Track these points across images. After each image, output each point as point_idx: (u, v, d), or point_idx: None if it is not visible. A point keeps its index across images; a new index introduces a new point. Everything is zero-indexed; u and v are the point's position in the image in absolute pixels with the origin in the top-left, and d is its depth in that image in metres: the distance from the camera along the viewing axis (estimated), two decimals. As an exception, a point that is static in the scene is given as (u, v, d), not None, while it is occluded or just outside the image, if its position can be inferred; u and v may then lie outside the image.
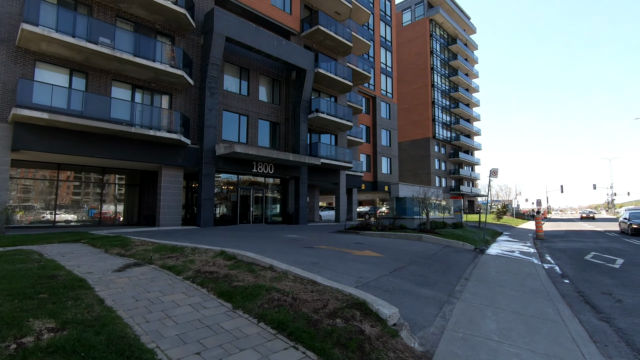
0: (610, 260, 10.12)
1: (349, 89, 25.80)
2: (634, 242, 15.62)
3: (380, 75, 36.31)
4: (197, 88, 17.84)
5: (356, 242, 10.74)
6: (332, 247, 9.31)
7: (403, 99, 58.84)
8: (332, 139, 25.92)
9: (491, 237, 16.47)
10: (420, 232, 13.07)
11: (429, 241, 11.82)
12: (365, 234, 13.56)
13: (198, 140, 17.56)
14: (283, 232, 13.71)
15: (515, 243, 14.64)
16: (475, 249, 11.14)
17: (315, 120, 23.16)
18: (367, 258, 7.68)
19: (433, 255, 8.96)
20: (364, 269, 6.46)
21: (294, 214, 21.70)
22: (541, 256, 11.13)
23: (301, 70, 21.82)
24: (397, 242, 11.44)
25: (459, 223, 19.58)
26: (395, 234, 12.86)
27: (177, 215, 16.76)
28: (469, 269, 7.71)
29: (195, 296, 4.02)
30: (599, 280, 7.40)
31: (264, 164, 19.86)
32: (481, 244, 13.19)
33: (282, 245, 9.33)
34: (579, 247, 13.78)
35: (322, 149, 23.28)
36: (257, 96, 21.23)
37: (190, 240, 9.90)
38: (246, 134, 20.51)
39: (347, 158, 25.00)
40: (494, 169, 15.23)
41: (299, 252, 7.93)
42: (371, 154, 35.06)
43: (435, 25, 59.79)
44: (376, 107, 35.27)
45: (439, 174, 57.46)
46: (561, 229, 25.82)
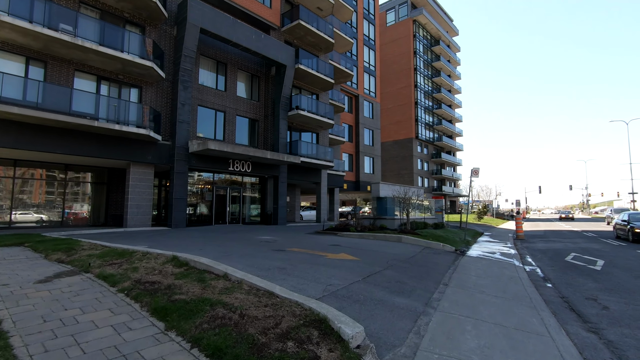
0: (590, 261, 9.90)
1: (330, 86, 25.27)
2: (610, 242, 15.65)
3: (363, 74, 35.96)
4: (169, 81, 16.92)
5: (332, 244, 10.19)
6: (306, 249, 8.71)
7: (386, 99, 58.86)
8: (313, 138, 25.33)
9: (472, 237, 16.23)
10: (400, 233, 12.63)
11: (408, 242, 11.37)
12: (344, 235, 13.02)
13: (170, 137, 16.66)
14: (257, 233, 13.03)
15: (496, 244, 14.41)
16: (455, 251, 10.76)
17: (295, 118, 22.52)
18: (341, 262, 7.12)
19: (412, 258, 8.48)
20: (335, 274, 5.89)
21: (272, 214, 21.00)
22: (522, 257, 10.85)
23: (281, 65, 21.14)
24: (375, 243, 10.94)
25: (440, 223, 19.33)
26: (375, 235, 12.38)
27: (147, 215, 15.81)
28: (448, 272, 7.25)
29: (123, 314, 3.35)
30: (582, 283, 7.07)
31: (241, 162, 19.08)
32: (462, 245, 12.86)
33: (251, 248, 8.67)
34: (558, 247, 13.64)
35: (302, 147, 22.67)
36: (235, 92, 20.43)
37: (152, 242, 9.12)
38: (223, 131, 19.69)
39: (329, 157, 24.47)
40: (475, 169, 14.97)
41: (266, 256, 7.30)
42: (353, 153, 34.66)
43: (419, 26, 60.06)
44: (359, 106, 34.90)
45: (421, 174, 57.72)
46: (540, 229, 26.02)
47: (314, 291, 4.70)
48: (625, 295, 6.12)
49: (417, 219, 17.50)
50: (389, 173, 56.67)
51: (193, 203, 18.64)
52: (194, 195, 18.76)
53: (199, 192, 19.12)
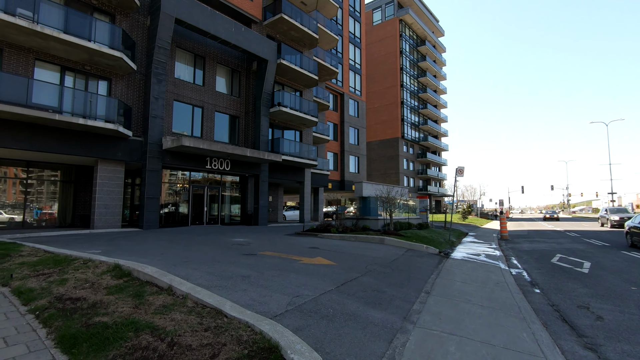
0: (577, 263, 9.56)
1: (314, 83, 24.64)
2: (594, 242, 15.51)
3: (348, 72, 35.45)
4: (141, 74, 15.98)
5: (310, 247, 9.56)
6: (279, 253, 8.06)
7: (373, 99, 58.62)
8: (296, 136, 24.66)
9: (456, 238, 15.85)
10: (383, 235, 12.10)
11: (391, 244, 10.84)
12: (324, 237, 12.42)
13: (142, 133, 15.73)
14: (233, 235, 12.30)
15: (481, 245, 14.05)
16: (439, 253, 10.28)
17: (277, 115, 21.81)
18: (315, 268, 6.50)
19: (393, 262, 7.92)
20: (306, 283, 5.27)
21: (253, 214, 20.24)
22: (507, 259, 10.46)
23: (262, 60, 20.41)
24: (356, 246, 10.37)
25: (424, 224, 18.93)
26: (356, 236, 11.81)
27: (116, 216, 14.86)
28: (431, 278, 6.72)
29: (19, 344, 2.64)
30: (571, 288, 6.64)
31: (219, 160, 18.26)
32: (446, 246, 12.42)
33: (219, 251, 7.97)
34: (543, 248, 13.36)
35: (285, 145, 21.98)
36: (214, 87, 19.59)
37: (110, 247, 8.32)
38: (201, 128, 18.84)
39: (312, 155, 23.84)
40: (459, 168, 14.59)
41: (233, 262, 6.62)
42: (339, 152, 34.13)
43: (405, 25, 60.01)
44: (344, 104, 34.38)
45: (407, 174, 57.69)
46: (524, 229, 26.01)
47: (276, 305, 4.06)
48: (618, 302, 5.69)
49: (401, 219, 17.05)
50: (375, 173, 56.46)
51: (168, 203, 17.74)
52: (169, 194, 17.86)
53: (175, 191, 18.22)
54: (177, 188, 18.31)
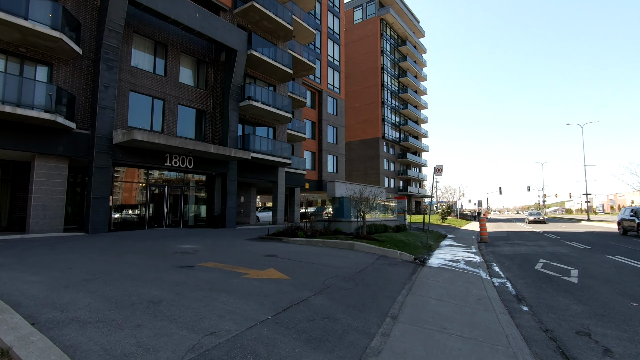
0: (563, 271, 8.68)
1: (289, 77, 23.36)
2: (575, 245, 14.91)
3: (327, 69, 34.35)
4: (89, 60, 14.31)
5: (268, 255, 8.30)
6: (225, 264, 6.76)
7: (354, 98, 57.85)
8: (269, 133, 23.31)
9: (435, 241, 14.92)
10: (355, 239, 10.96)
11: (361, 250, 9.70)
12: (290, 242, 11.17)
13: (90, 125, 14.07)
14: (185, 241, 10.89)
15: (460, 249, 13.14)
16: (414, 260, 9.21)
17: (248, 110, 20.42)
18: (260, 285, 5.26)
19: (359, 273, 6.76)
20: (236, 309, 4.02)
21: (220, 216, 18.77)
22: (489, 266, 9.50)
23: (231, 50, 18.98)
24: (322, 252, 9.18)
25: (402, 225, 17.98)
26: (324, 241, 10.62)
27: (57, 218, 13.16)
28: (401, 294, 5.58)
29: None
30: (564, 305, 5.65)
31: (181, 157, 16.73)
32: (423, 251, 11.40)
33: (149, 263, 6.61)
34: (524, 252, 12.56)
35: (256, 142, 20.61)
36: (177, 78, 18.03)
37: (15, 257, 6.82)
38: (162, 122, 17.25)
39: (286, 154, 22.55)
40: (438, 166, 13.65)
41: (155, 278, 5.30)
42: (316, 151, 32.95)
43: (386, 25, 59.55)
44: (322, 101, 33.26)
45: (387, 175, 57.16)
46: (503, 230, 25.55)
47: (169, 354, 2.79)
48: (622, 324, 4.70)
49: (377, 221, 16.01)
50: (355, 173, 55.64)
51: (123, 204, 16.06)
52: (124, 194, 16.19)
53: (131, 191, 16.55)
54: (133, 187, 16.65)
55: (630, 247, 13.91)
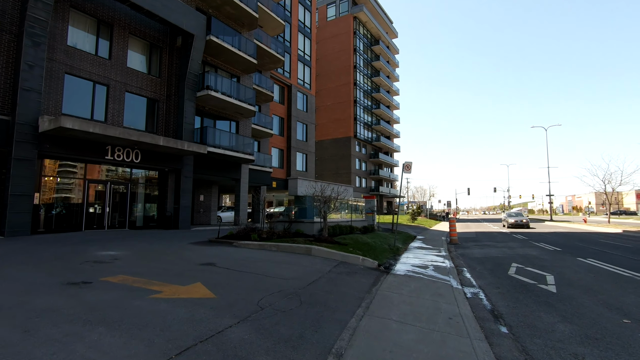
0: (538, 277, 7.91)
1: (253, 68, 21.91)
2: (544, 246, 14.52)
3: (297, 63, 33.07)
4: (11, 33, 12.29)
5: (204, 263, 6.94)
6: (139, 277, 5.37)
7: (326, 96, 56.91)
8: (231, 127, 21.75)
9: (403, 243, 14.04)
10: (315, 242, 9.78)
11: (319, 256, 8.54)
12: (240, 245, 9.84)
13: (11, 110, 12.06)
14: (112, 245, 9.29)
15: (429, 251, 12.29)
16: (378, 267, 8.14)
17: (207, 100, 18.79)
18: (169, 308, 3.95)
19: (309, 287, 5.57)
20: (101, 357, 2.69)
21: (172, 216, 17.05)
22: (459, 273, 8.61)
23: (188, 35, 17.33)
24: (273, 258, 7.93)
25: (370, 226, 17.04)
26: (279, 244, 9.36)
27: (-35, 219, 11.11)
28: (355, 317, 4.44)
29: None
30: (549, 324, 4.73)
31: (125, 150, 14.93)
32: (389, 255, 10.41)
33: (33, 278, 5.12)
34: (495, 255, 11.89)
35: (216, 136, 19.02)
36: (125, 62, 16.16)
37: None
38: (105, 110, 15.35)
39: (250, 149, 21.08)
40: (407, 163, 12.75)
41: (15, 304, 3.85)
42: (285, 148, 31.59)
43: (359, 23, 59.06)
44: (291, 96, 31.94)
45: (359, 174, 56.65)
46: (471, 231, 25.31)
47: None
48: (622, 352, 3.79)
49: (343, 221, 14.95)
50: (327, 172, 54.66)
51: (56, 203, 14.04)
52: (57, 191, 14.18)
53: (66, 188, 14.55)
54: (70, 184, 14.65)
55: (597, 248, 13.62)
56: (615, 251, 12.62)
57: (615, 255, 11.31)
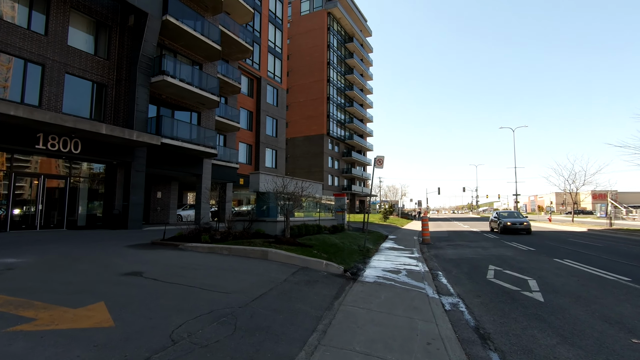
0: (520, 282, 7.15)
1: (217, 55, 20.34)
2: (517, 246, 14.09)
3: (267, 55, 31.61)
4: None
5: (130, 273, 5.59)
6: (16, 297, 3.99)
7: (299, 92, 55.67)
8: (192, 117, 20.09)
9: (374, 244, 13.13)
10: (273, 244, 8.59)
11: (276, 260, 7.37)
12: (187, 248, 8.49)
13: None
14: (20, 252, 7.69)
15: (401, 252, 11.42)
16: (344, 272, 7.08)
17: (164, 88, 17.10)
18: (30, 346, 2.68)
19: (253, 303, 4.40)
20: None
21: (120, 214, 15.28)
22: (435, 277, 7.72)
23: (141, 13, 15.61)
24: (221, 265, 6.68)
25: (340, 226, 16.03)
26: (231, 247, 8.10)
27: None
28: (304, 350, 3.32)
29: None
30: (545, 346, 3.86)
31: (62, 139, 13.07)
32: (359, 257, 9.41)
33: None
34: (470, 256, 11.19)
35: (175, 127, 17.38)
36: (65, 39, 14.24)
37: None
38: (39, 93, 13.42)
39: (212, 143, 19.53)
40: (378, 157, 11.83)
41: None
42: (253, 143, 30.07)
43: (333, 19, 58.18)
44: (261, 89, 30.46)
45: (332, 173, 55.82)
46: (443, 230, 24.97)
47: None
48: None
49: (310, 220, 13.84)
50: (299, 170, 53.35)
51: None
52: (-24, 185, 12.15)
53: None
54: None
55: (570, 248, 13.31)
56: (588, 251, 12.30)
57: (591, 256, 10.89)
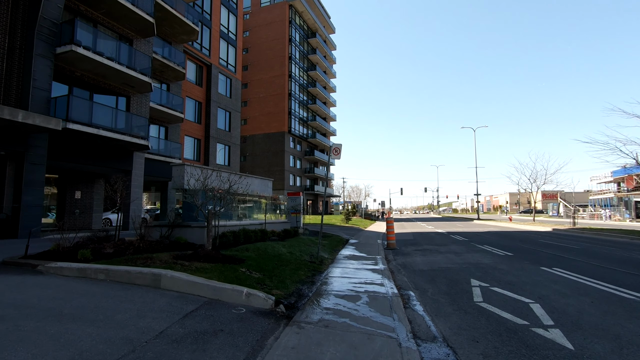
0: (521, 308, 5.21)
1: (151, 30, 17.27)
2: (492, 250, 12.51)
3: (218, 41, 28.59)
4: None
5: None
6: None
7: (259, 87, 52.74)
8: (120, 103, 16.86)
9: (330, 251, 10.92)
10: (177, 263, 6.05)
11: (172, 289, 4.86)
12: (47, 270, 5.73)
13: None
14: None
15: (363, 263, 9.28)
16: (275, 307, 4.67)
17: (77, 62, 13.86)
18: None
19: None
20: None
21: (9, 219, 11.90)
22: (407, 304, 5.60)
23: (41, -35, 12.34)
24: (84, 301, 4.09)
25: (293, 230, 13.68)
26: (111, 269, 5.44)
27: None
28: None
29: None
30: None
31: None
32: (306, 274, 7.10)
33: None
34: (444, 265, 9.29)
35: (92, 111, 14.17)
36: None
37: None
38: None
39: (143, 133, 16.44)
40: (335, 146, 9.64)
41: None
42: (202, 137, 26.93)
43: (295, 12, 55.86)
44: (211, 78, 27.40)
45: (293, 172, 53.35)
46: (408, 231, 23.40)
47: None
48: None
49: (253, 225, 11.37)
50: (258, 169, 50.36)
51: None
52: None
53: None
54: None
55: (549, 252, 11.89)
56: (570, 255, 10.88)
57: (580, 263, 9.36)
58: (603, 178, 59.15)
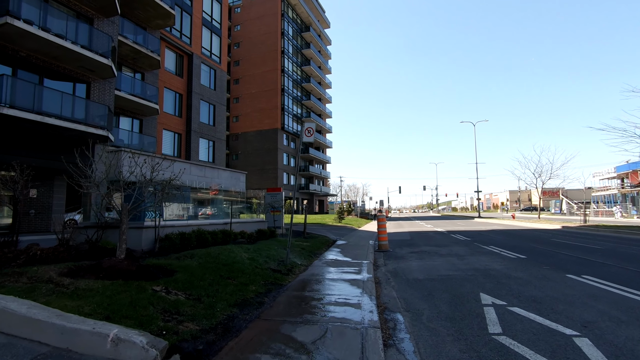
0: (563, 348, 3.37)
1: (114, 9, 15.44)
2: (500, 252, 10.72)
3: (201, 28, 26.72)
4: None
5: None
6: None
7: (251, 82, 50.92)
8: (78, 90, 15.00)
9: (308, 256, 9.09)
10: (80, 275, 4.21)
11: (5, 330, 3.00)
12: None
13: None
14: None
15: (343, 271, 7.46)
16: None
17: (19, 39, 12.04)
18: None
19: None
20: None
21: None
22: (389, 337, 3.81)
23: None
24: None
25: (269, 230, 11.85)
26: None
27: None
28: None
29: None
30: None
31: None
32: (260, 288, 5.25)
33: None
34: (445, 272, 7.48)
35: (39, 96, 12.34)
36: None
37: None
38: None
39: (103, 122, 14.60)
40: (308, 126, 7.81)
41: None
42: (183, 132, 25.05)
43: (288, 5, 54.02)
44: (192, 68, 25.52)
45: (287, 170, 51.50)
46: (404, 231, 21.58)
47: None
48: None
49: (211, 224, 9.54)
50: (251, 168, 48.45)
51: None
52: None
53: None
54: None
55: (567, 253, 10.08)
56: (596, 257, 9.05)
57: (616, 269, 7.53)
58: (606, 174, 57.41)
